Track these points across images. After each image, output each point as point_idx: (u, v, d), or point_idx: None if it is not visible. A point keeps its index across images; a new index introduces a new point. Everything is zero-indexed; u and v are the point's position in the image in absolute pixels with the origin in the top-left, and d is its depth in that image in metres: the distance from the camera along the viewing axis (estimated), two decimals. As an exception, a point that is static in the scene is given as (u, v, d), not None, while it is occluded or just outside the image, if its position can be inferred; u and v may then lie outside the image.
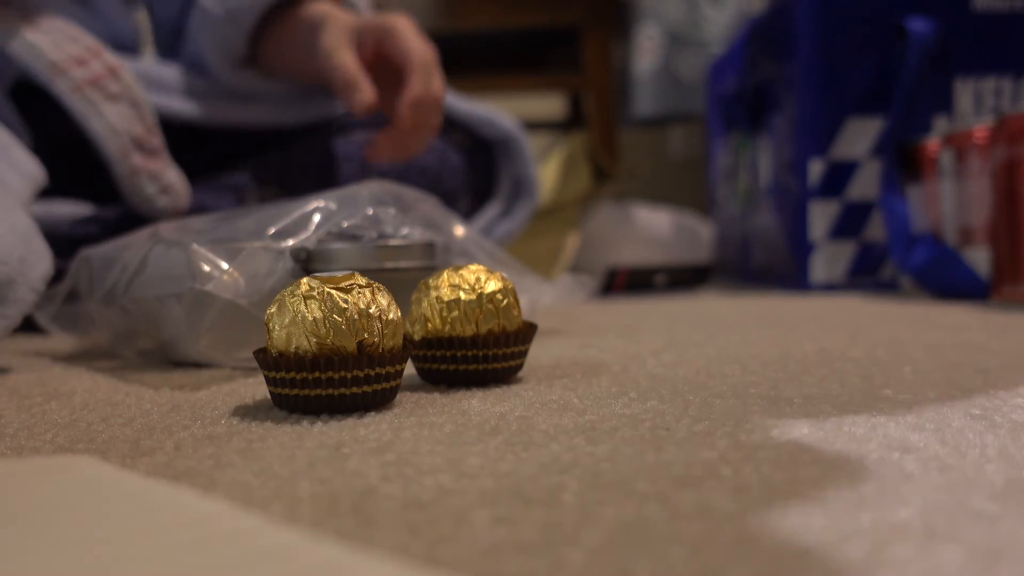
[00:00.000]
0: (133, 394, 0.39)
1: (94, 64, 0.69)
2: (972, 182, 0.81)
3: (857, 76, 0.95)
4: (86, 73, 0.68)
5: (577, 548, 0.18)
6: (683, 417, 0.31)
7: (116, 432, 0.31)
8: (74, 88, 0.67)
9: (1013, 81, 0.94)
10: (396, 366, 0.34)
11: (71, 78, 0.67)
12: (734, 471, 0.24)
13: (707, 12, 1.75)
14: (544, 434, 0.29)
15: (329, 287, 0.33)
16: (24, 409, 0.36)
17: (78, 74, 0.68)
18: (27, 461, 0.24)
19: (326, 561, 0.16)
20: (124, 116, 0.69)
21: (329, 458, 0.26)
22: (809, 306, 0.79)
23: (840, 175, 0.96)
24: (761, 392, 0.35)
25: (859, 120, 0.95)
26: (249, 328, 0.42)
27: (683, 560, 0.18)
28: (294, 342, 0.32)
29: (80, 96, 0.67)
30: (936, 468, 0.24)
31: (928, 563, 0.17)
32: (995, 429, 0.28)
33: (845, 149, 0.95)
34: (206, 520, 0.19)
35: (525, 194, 0.88)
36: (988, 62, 0.93)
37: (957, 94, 0.94)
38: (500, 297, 0.38)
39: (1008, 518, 0.20)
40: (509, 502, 0.22)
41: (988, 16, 0.93)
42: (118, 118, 0.68)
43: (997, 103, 0.94)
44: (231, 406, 0.35)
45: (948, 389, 0.35)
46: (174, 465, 0.26)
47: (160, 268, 0.46)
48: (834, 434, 0.28)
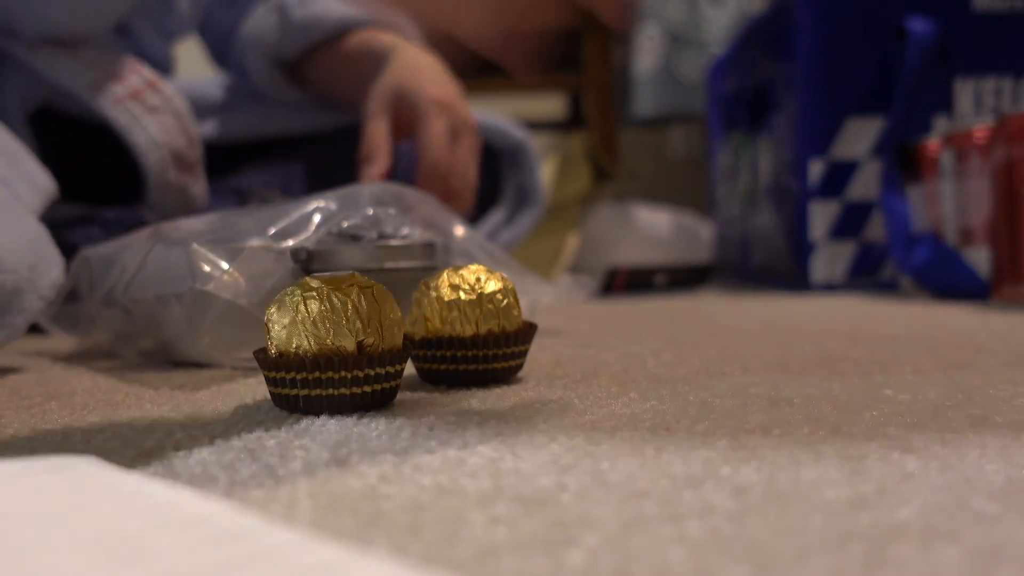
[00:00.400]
0: (133, 394, 0.39)
1: (132, 79, 0.69)
2: (972, 182, 0.81)
3: (857, 76, 0.95)
4: (125, 88, 0.69)
5: (577, 548, 0.18)
6: (683, 417, 0.31)
7: (116, 432, 0.31)
8: (115, 102, 0.68)
9: (1013, 81, 0.94)
10: (396, 366, 0.34)
11: (112, 93, 0.68)
12: (734, 471, 0.24)
13: (707, 12, 1.75)
14: (544, 434, 0.29)
15: (329, 287, 0.33)
16: (24, 409, 0.36)
17: (118, 90, 0.69)
18: (27, 461, 0.24)
19: (325, 561, 0.16)
20: (167, 128, 0.70)
21: (329, 458, 0.26)
22: (809, 306, 0.79)
23: (840, 175, 0.96)
24: (761, 392, 0.35)
25: (859, 120, 0.95)
26: (249, 328, 0.42)
27: (683, 560, 0.18)
28: (294, 342, 0.32)
29: (121, 109, 0.68)
30: (936, 468, 0.24)
31: (928, 563, 0.17)
32: (995, 429, 0.28)
33: (845, 149, 0.95)
34: (206, 520, 0.19)
35: (530, 202, 0.88)
36: (988, 62, 0.93)
37: (957, 94, 0.93)
38: (500, 297, 0.38)
39: (1008, 518, 0.20)
40: (509, 502, 0.22)
41: (988, 16, 0.93)
42: (160, 130, 0.69)
43: (997, 103, 0.94)
44: (231, 406, 0.35)
45: (948, 389, 0.35)
46: (174, 465, 0.26)
47: (160, 268, 0.46)
48: (834, 434, 0.28)
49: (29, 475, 0.23)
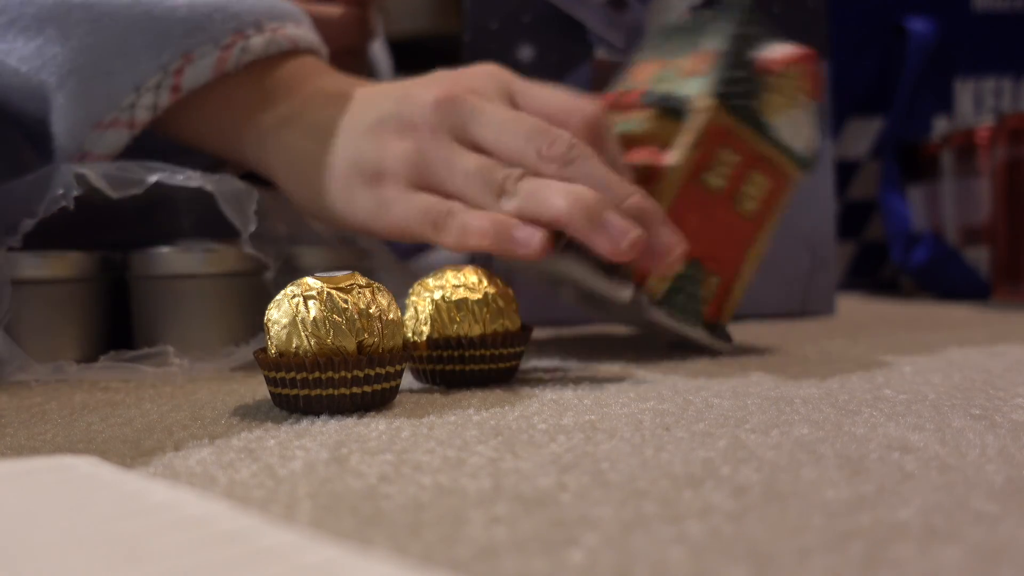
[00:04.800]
0: (133, 394, 0.39)
1: None
2: (972, 182, 0.81)
3: (857, 76, 0.95)
4: None
5: (577, 548, 0.18)
6: (683, 417, 0.31)
7: (116, 432, 0.31)
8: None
9: (1013, 81, 0.94)
10: (396, 366, 0.34)
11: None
12: (734, 471, 0.24)
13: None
14: (544, 434, 0.29)
15: (329, 287, 0.33)
16: (24, 409, 0.36)
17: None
18: (27, 461, 0.24)
19: (325, 561, 0.16)
20: None
21: (329, 458, 0.26)
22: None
23: (840, 175, 0.96)
24: (761, 392, 0.35)
25: (859, 120, 0.95)
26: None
27: (683, 560, 0.18)
28: (294, 342, 0.32)
29: None
30: (936, 468, 0.24)
31: (928, 563, 0.17)
32: (995, 429, 0.28)
33: (845, 149, 0.95)
34: (206, 520, 0.19)
35: None
36: (988, 62, 0.93)
37: (957, 94, 0.93)
38: (503, 298, 0.38)
39: (1008, 518, 0.20)
40: (509, 502, 0.22)
41: (988, 16, 0.93)
42: None
43: (997, 103, 0.94)
44: (231, 406, 0.35)
45: (948, 389, 0.35)
46: (174, 465, 0.26)
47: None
48: (834, 434, 0.28)
49: (29, 475, 0.23)
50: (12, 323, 0.41)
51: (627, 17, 0.62)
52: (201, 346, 0.44)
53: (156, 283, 0.45)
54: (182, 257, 0.45)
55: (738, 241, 0.47)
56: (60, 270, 0.44)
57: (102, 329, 0.46)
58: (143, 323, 0.46)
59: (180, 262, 0.45)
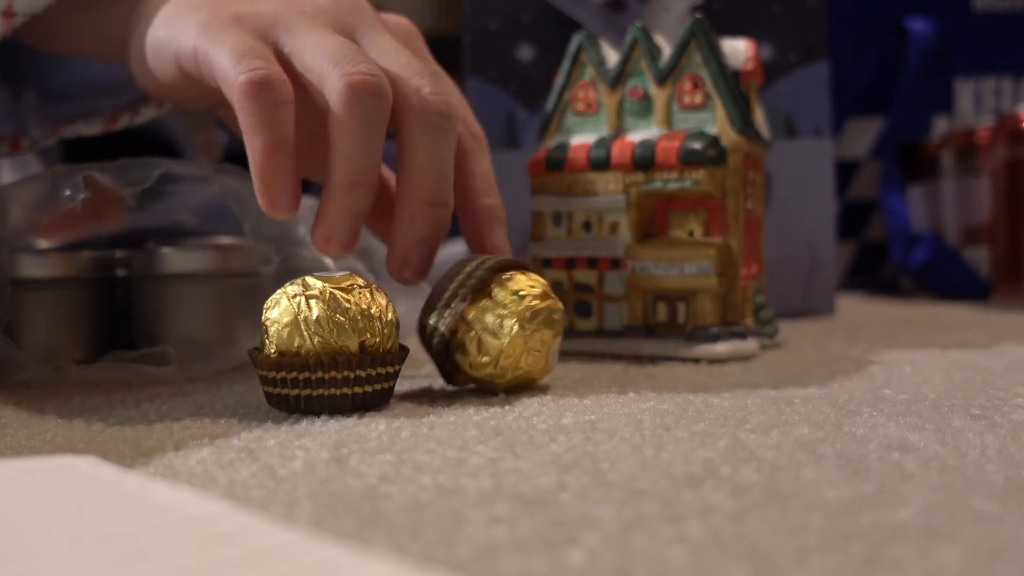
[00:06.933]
0: (133, 394, 0.39)
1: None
2: (972, 182, 0.81)
3: (857, 76, 0.95)
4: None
5: (577, 548, 0.18)
6: (683, 417, 0.31)
7: (116, 432, 0.31)
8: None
9: (1013, 81, 0.94)
10: (395, 366, 0.34)
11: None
12: (734, 471, 0.24)
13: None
14: (544, 434, 0.29)
15: (331, 287, 0.33)
16: (24, 409, 0.36)
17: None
18: (27, 461, 0.24)
19: (325, 561, 0.16)
20: None
21: (329, 458, 0.26)
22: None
23: (840, 175, 0.96)
24: (761, 392, 0.35)
25: (859, 120, 0.95)
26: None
27: (683, 560, 0.18)
28: (296, 342, 0.32)
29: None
30: (936, 468, 0.24)
31: (928, 563, 0.17)
32: (995, 429, 0.28)
33: (845, 149, 0.95)
34: (206, 520, 0.19)
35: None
36: (988, 62, 0.93)
37: (957, 94, 0.93)
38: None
39: (1008, 518, 0.20)
40: (509, 502, 0.22)
41: (988, 16, 0.93)
42: None
43: (997, 103, 0.94)
44: (231, 406, 0.35)
45: (948, 389, 0.35)
46: (174, 465, 0.26)
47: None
48: (834, 434, 0.28)
49: (29, 475, 0.23)
50: (12, 323, 0.41)
51: (626, 18, 0.62)
52: (201, 346, 0.44)
53: (156, 283, 0.45)
54: (182, 257, 0.45)
55: (758, 243, 0.49)
56: (60, 270, 0.44)
57: (102, 329, 0.46)
58: (143, 323, 0.46)
59: (180, 262, 0.45)
